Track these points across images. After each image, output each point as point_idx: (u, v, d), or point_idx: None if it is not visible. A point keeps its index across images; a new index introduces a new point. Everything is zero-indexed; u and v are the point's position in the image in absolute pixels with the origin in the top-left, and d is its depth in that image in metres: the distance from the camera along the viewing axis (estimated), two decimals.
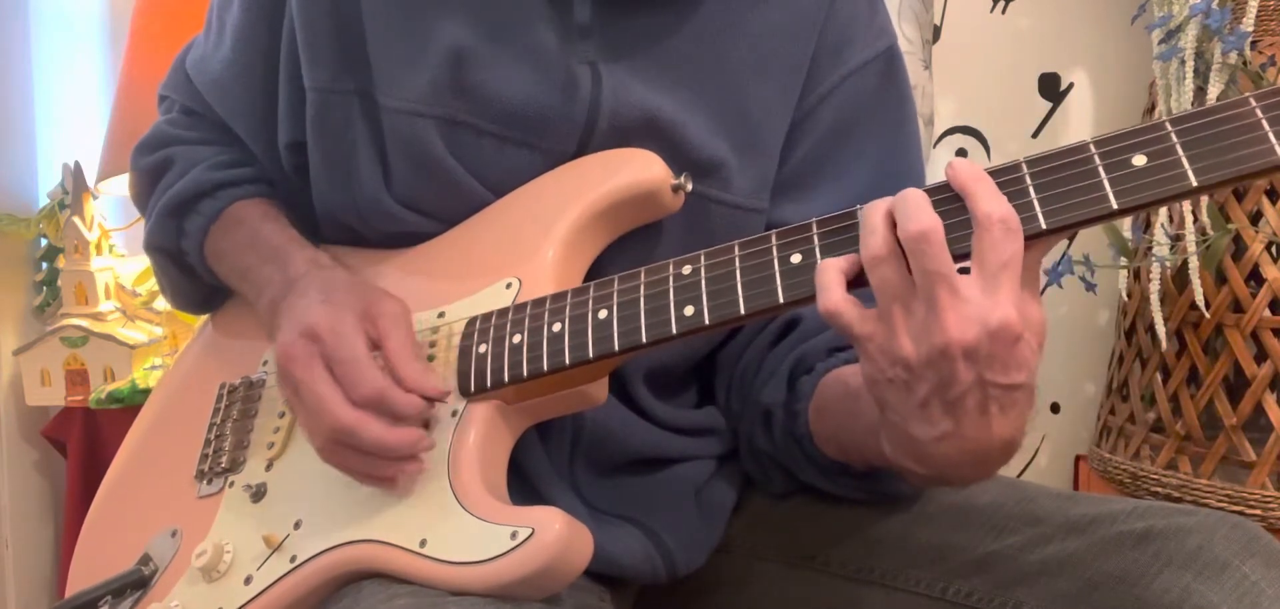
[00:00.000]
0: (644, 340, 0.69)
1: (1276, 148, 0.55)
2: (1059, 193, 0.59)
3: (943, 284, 0.58)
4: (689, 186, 0.78)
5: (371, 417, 0.69)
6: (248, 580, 0.74)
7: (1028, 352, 0.59)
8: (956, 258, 0.59)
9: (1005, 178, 0.60)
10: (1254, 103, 0.56)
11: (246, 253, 0.85)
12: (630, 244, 0.81)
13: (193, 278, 0.92)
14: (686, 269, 0.70)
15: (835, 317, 0.61)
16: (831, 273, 0.62)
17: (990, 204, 0.58)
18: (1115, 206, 0.58)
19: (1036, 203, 0.59)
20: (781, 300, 0.65)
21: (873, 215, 0.61)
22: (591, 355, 0.70)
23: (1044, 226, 0.59)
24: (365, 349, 0.72)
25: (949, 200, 0.60)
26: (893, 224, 0.60)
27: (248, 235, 0.86)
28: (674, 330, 0.68)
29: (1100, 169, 0.59)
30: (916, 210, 0.59)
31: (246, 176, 0.89)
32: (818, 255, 0.65)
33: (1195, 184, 0.57)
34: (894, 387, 0.61)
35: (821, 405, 0.79)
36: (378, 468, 0.70)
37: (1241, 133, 0.56)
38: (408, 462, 0.70)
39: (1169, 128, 0.58)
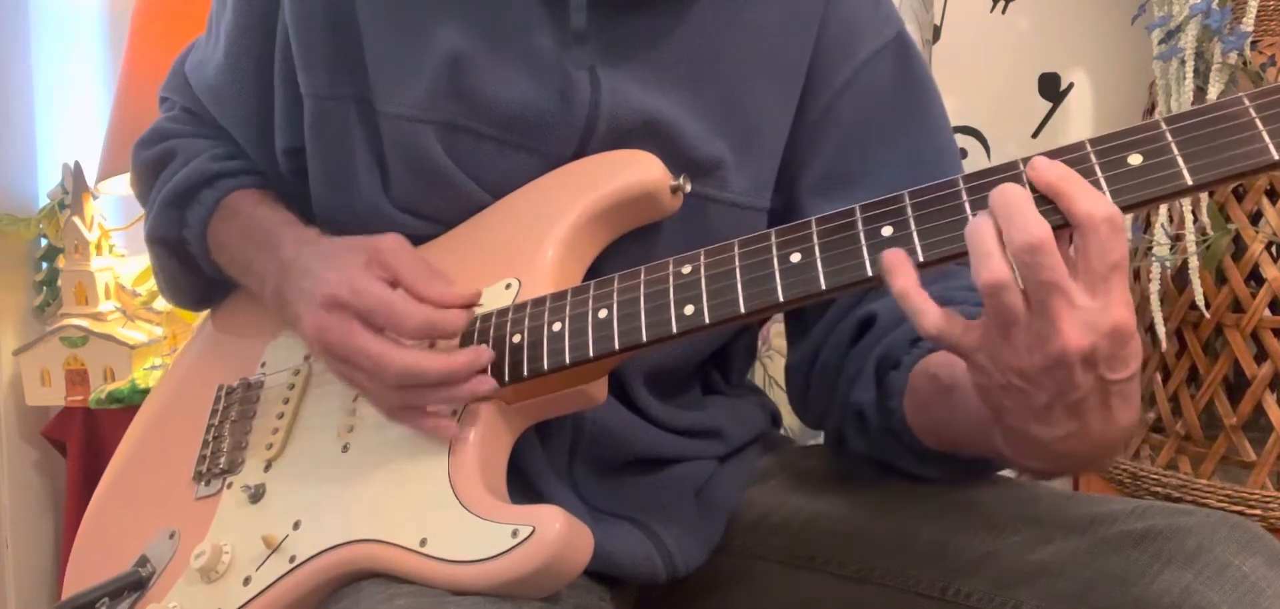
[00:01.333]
0: (644, 339, 0.69)
1: (1269, 146, 0.56)
2: None
3: (1058, 294, 0.56)
4: (688, 187, 0.78)
5: (426, 352, 0.70)
6: (246, 581, 0.74)
7: (1137, 342, 0.59)
8: None
9: (1002, 177, 0.60)
10: (1247, 102, 0.57)
11: (245, 245, 0.85)
12: (629, 244, 0.81)
13: (192, 270, 0.92)
14: (686, 268, 0.70)
15: (942, 338, 0.60)
16: (917, 298, 0.59)
17: (1092, 204, 0.56)
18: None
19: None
20: (781, 299, 0.65)
21: (983, 236, 0.57)
22: (592, 354, 0.70)
23: None
24: (390, 290, 0.72)
25: (1039, 201, 0.58)
26: (999, 235, 0.57)
27: (243, 225, 0.86)
28: (674, 329, 0.69)
29: (1097, 169, 0.59)
30: (1025, 217, 0.56)
31: (245, 168, 0.89)
32: (817, 254, 0.65)
33: (1190, 182, 0.57)
34: (1010, 393, 0.60)
35: (917, 401, 0.76)
36: (452, 394, 0.71)
37: (1235, 132, 0.57)
38: (480, 378, 0.71)
39: (1164, 127, 0.58)
